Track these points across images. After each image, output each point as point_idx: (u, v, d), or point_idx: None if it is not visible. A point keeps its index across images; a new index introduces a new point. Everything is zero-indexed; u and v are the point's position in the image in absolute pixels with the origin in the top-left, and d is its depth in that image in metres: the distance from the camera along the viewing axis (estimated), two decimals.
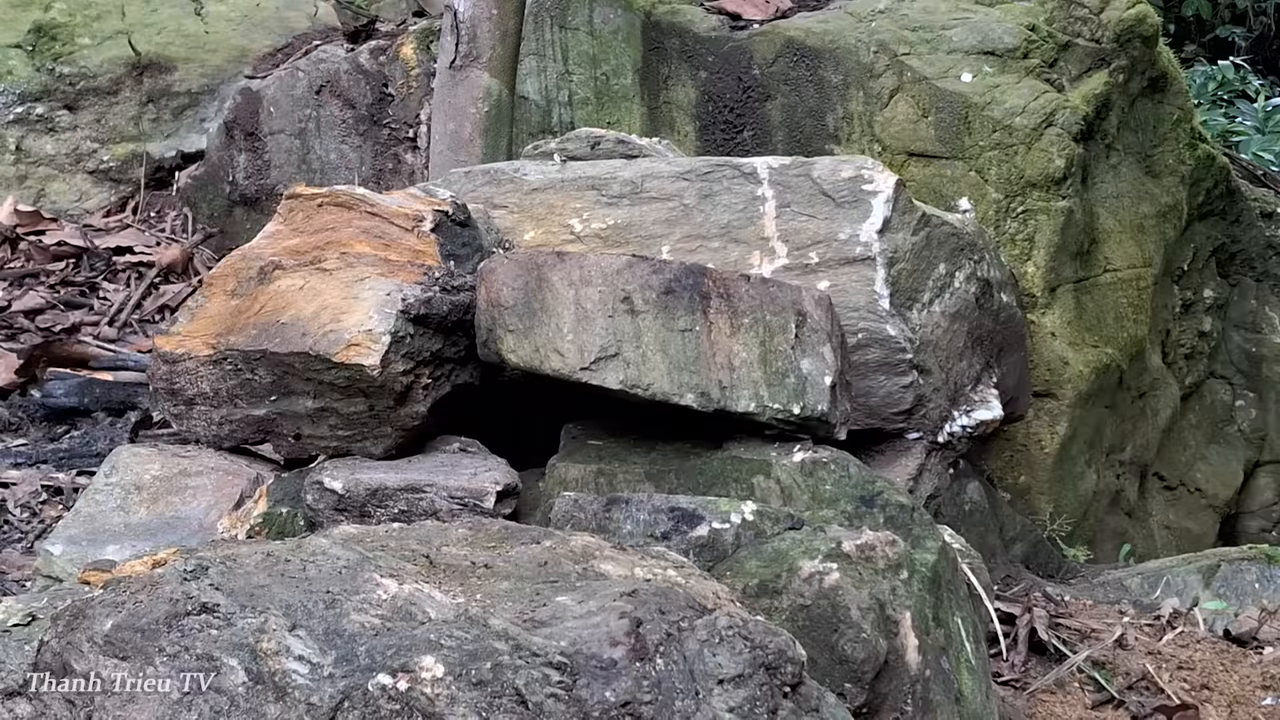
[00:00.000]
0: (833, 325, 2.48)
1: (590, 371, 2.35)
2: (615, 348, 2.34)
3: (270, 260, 2.62)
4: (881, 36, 3.84)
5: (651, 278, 2.37)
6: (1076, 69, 3.83)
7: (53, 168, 4.93)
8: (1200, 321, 4.48)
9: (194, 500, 2.58)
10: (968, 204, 3.66)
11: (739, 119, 4.02)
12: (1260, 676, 2.62)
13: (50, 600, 1.98)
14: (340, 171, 4.72)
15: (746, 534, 2.03)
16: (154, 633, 1.41)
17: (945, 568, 2.14)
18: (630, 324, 2.35)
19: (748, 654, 1.52)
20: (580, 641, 1.46)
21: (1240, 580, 3.14)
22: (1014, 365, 3.30)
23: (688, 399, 2.35)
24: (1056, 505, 3.66)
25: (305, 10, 5.32)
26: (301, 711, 1.36)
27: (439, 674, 1.40)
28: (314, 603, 1.48)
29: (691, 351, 2.36)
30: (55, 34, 5.01)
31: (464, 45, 3.84)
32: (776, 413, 2.38)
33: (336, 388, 2.47)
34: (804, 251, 2.85)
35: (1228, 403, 4.58)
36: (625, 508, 2.10)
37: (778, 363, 2.39)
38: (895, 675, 1.89)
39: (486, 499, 2.28)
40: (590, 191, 3.01)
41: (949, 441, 3.00)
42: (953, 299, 3.00)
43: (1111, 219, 3.93)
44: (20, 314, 4.27)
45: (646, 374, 2.34)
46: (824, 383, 2.41)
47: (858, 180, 2.88)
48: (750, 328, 2.39)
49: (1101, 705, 2.50)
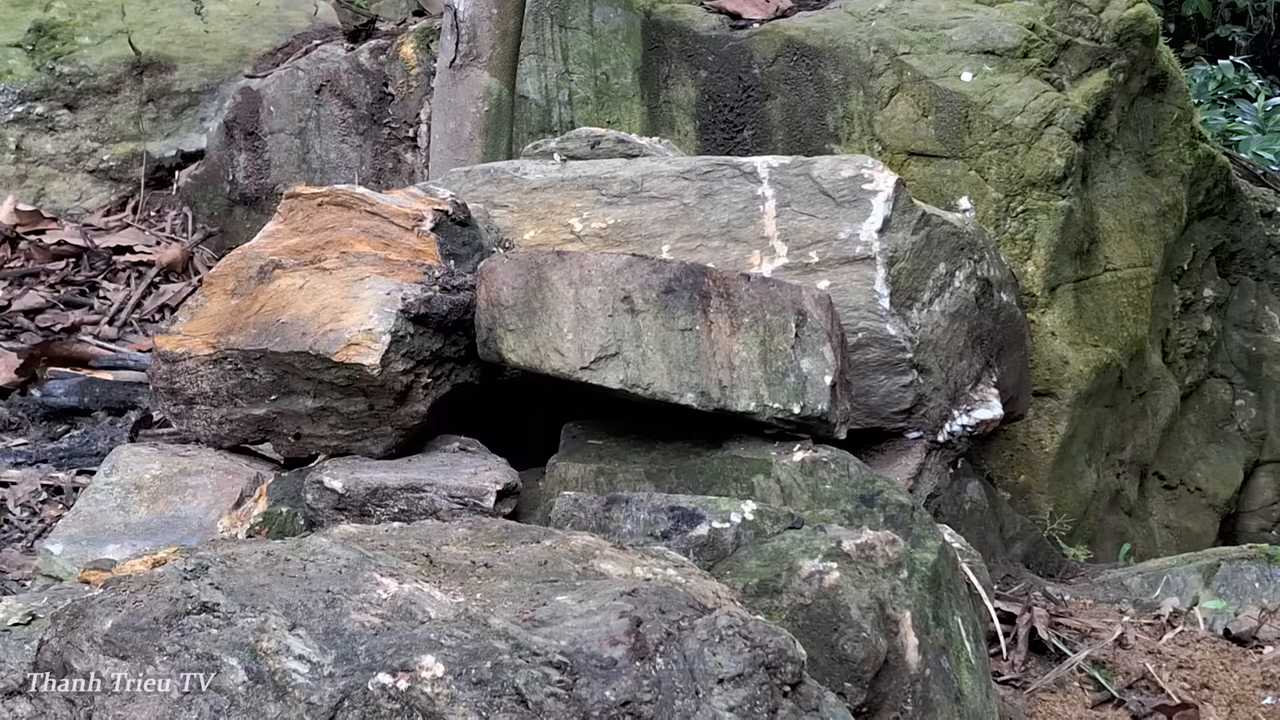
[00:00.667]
0: (833, 325, 2.48)
1: (590, 371, 2.34)
2: (615, 347, 2.34)
3: (270, 259, 2.62)
4: (881, 36, 3.84)
5: (651, 277, 2.37)
6: (1076, 68, 3.83)
7: (53, 167, 4.93)
8: (1200, 321, 4.48)
9: (194, 499, 2.58)
10: (968, 203, 3.66)
11: (739, 118, 4.01)
12: (1260, 676, 2.62)
13: (50, 600, 1.98)
14: (340, 171, 4.72)
15: (746, 533, 2.03)
16: (154, 632, 1.41)
17: (945, 567, 2.14)
18: (630, 323, 2.35)
19: (748, 653, 1.52)
20: (580, 641, 1.46)
21: (1240, 579, 3.14)
22: (1014, 365, 3.30)
23: (688, 398, 2.35)
24: (1056, 504, 3.66)
25: (305, 10, 5.32)
26: (301, 711, 1.36)
27: (439, 673, 1.40)
28: (314, 602, 1.48)
29: (691, 351, 2.36)
30: (55, 33, 5.01)
31: (464, 44, 3.84)
32: (776, 412, 2.38)
33: (336, 387, 2.47)
34: (804, 251, 2.85)
35: (1228, 402, 4.58)
36: (625, 507, 2.11)
37: (778, 362, 2.39)
38: (895, 674, 1.89)
39: (486, 498, 2.28)
40: (590, 191, 3.01)
41: (949, 441, 3.00)
42: (953, 298, 3.00)
43: (1111, 218, 3.93)
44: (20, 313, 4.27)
45: (646, 373, 2.34)
46: (824, 382, 2.41)
47: (858, 179, 2.88)
48: (750, 327, 2.38)
49: (1101, 704, 2.50)
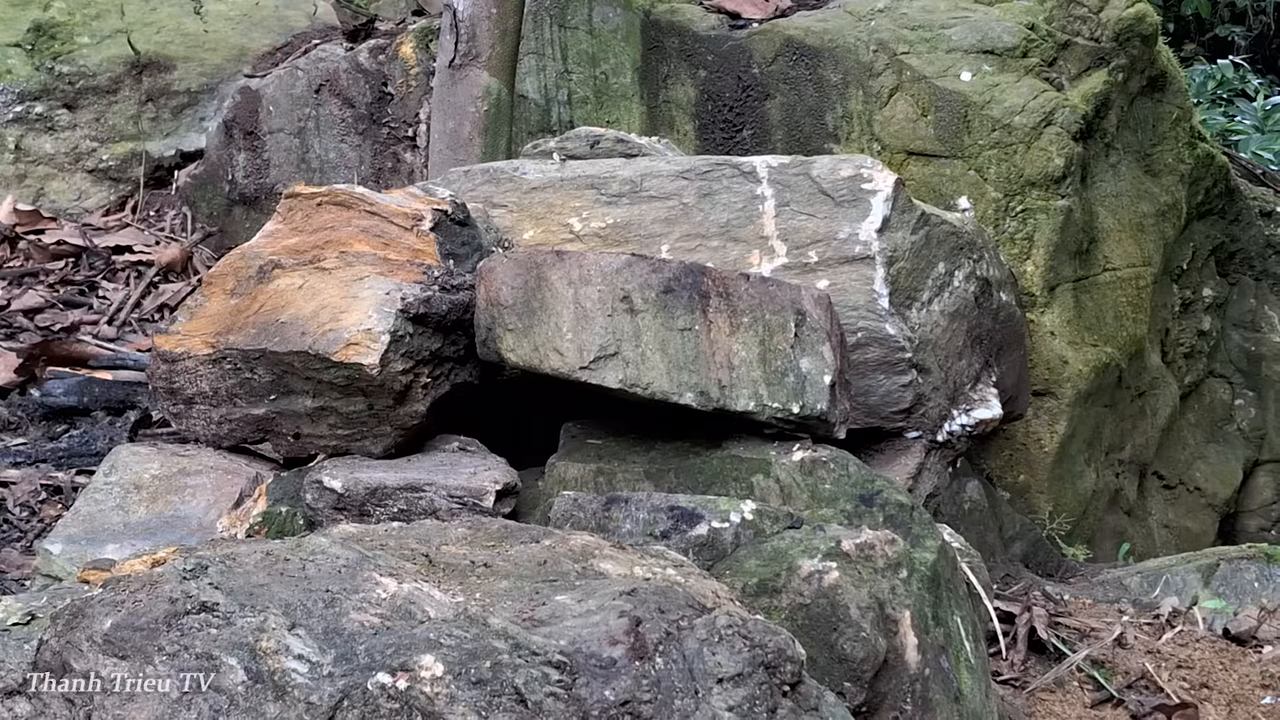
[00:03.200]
0: (832, 324, 2.48)
1: (590, 371, 2.34)
2: (615, 347, 2.34)
3: (269, 259, 2.62)
4: (881, 35, 3.84)
5: (651, 277, 2.37)
6: (1076, 68, 3.83)
7: (52, 167, 4.92)
8: (1199, 320, 4.48)
9: (193, 499, 2.58)
10: (967, 203, 3.66)
11: (738, 118, 4.01)
12: (1259, 675, 2.62)
13: (50, 599, 1.98)
14: (339, 170, 4.72)
15: (746, 533, 2.03)
16: (153, 632, 1.41)
17: (944, 567, 2.14)
18: (629, 323, 2.35)
19: (747, 653, 1.52)
20: (580, 640, 1.46)
21: (1239, 579, 3.14)
22: (1013, 364, 3.30)
23: (687, 398, 2.35)
24: (1056, 504, 3.66)
25: (304, 9, 5.31)
26: (301, 710, 1.36)
27: (438, 673, 1.40)
28: (313, 601, 1.48)
29: (691, 351, 2.36)
30: (54, 33, 5.00)
31: (463, 44, 3.84)
32: (775, 412, 2.38)
33: (336, 387, 2.47)
34: (803, 250, 2.85)
35: (1227, 402, 4.58)
36: (625, 507, 2.11)
37: (777, 362, 2.39)
38: (894, 674, 1.89)
39: (486, 498, 2.28)
40: (589, 190, 3.01)
41: (948, 440, 3.00)
42: (952, 298, 3.00)
43: (1111, 218, 3.93)
44: (19, 313, 4.26)
45: (646, 373, 2.34)
46: (823, 382, 2.41)
47: (857, 179, 2.88)
48: (750, 327, 2.38)
49: (1101, 704, 2.50)
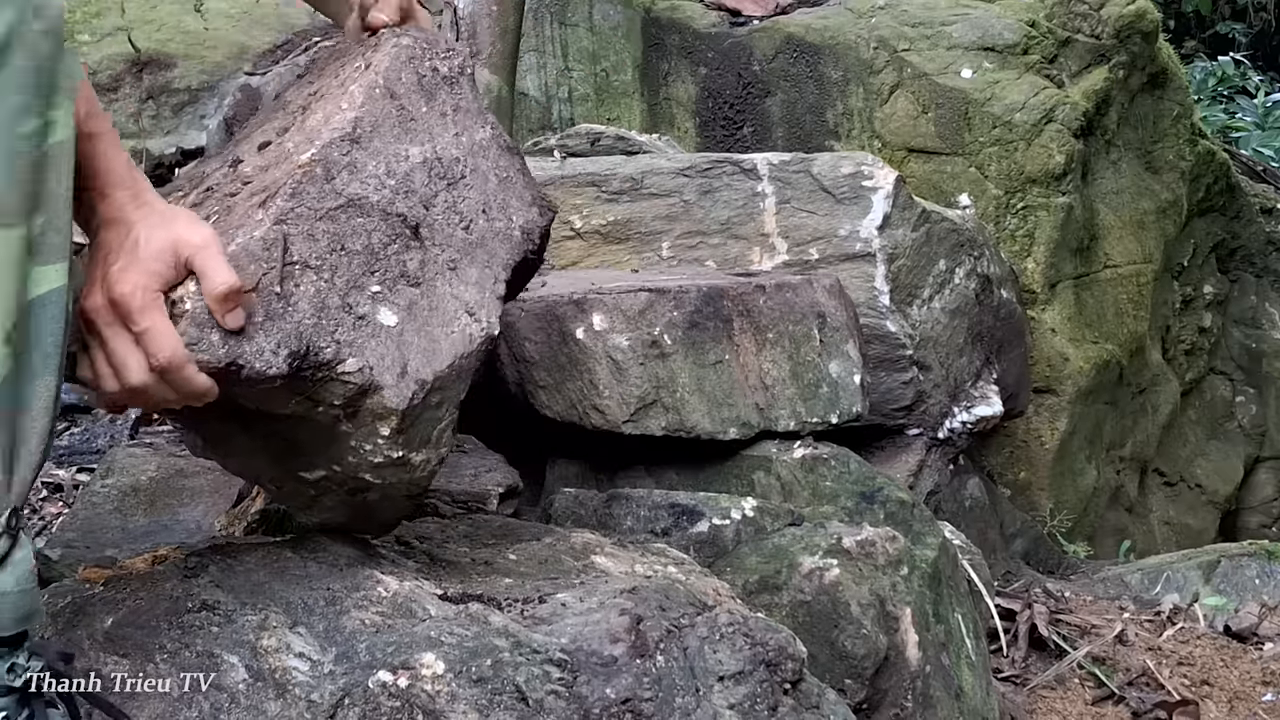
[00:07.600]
0: (848, 314, 2.47)
1: (634, 423, 2.28)
2: (653, 395, 2.29)
3: None
4: (881, 32, 3.84)
5: (674, 314, 2.31)
6: (1076, 65, 3.83)
7: None
8: (1200, 317, 4.48)
9: (192, 501, 2.58)
10: (968, 200, 3.66)
11: (739, 115, 4.01)
12: (1260, 672, 2.62)
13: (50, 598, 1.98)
14: None
15: (747, 530, 2.03)
16: (154, 630, 1.41)
17: (945, 564, 2.14)
18: (663, 367, 2.29)
19: (748, 651, 1.52)
20: (581, 638, 1.46)
21: (1240, 576, 3.14)
22: (1014, 361, 3.30)
23: (731, 433, 2.32)
24: (1057, 501, 3.66)
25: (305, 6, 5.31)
26: (302, 709, 1.35)
27: (439, 671, 1.39)
28: (314, 600, 1.47)
29: (726, 384, 2.32)
30: None
31: (463, 41, 3.84)
32: (815, 427, 2.37)
33: None
34: (804, 248, 2.85)
35: (1228, 398, 4.58)
36: (626, 504, 2.10)
37: (808, 375, 2.37)
38: (895, 671, 1.89)
39: (490, 502, 2.27)
40: (590, 188, 3.00)
41: (949, 438, 3.00)
42: (953, 295, 3.00)
43: (1111, 215, 3.93)
44: None
45: (688, 417, 2.29)
46: (854, 383, 2.41)
47: (858, 176, 2.88)
48: (775, 342, 2.36)
49: (1102, 701, 2.50)
